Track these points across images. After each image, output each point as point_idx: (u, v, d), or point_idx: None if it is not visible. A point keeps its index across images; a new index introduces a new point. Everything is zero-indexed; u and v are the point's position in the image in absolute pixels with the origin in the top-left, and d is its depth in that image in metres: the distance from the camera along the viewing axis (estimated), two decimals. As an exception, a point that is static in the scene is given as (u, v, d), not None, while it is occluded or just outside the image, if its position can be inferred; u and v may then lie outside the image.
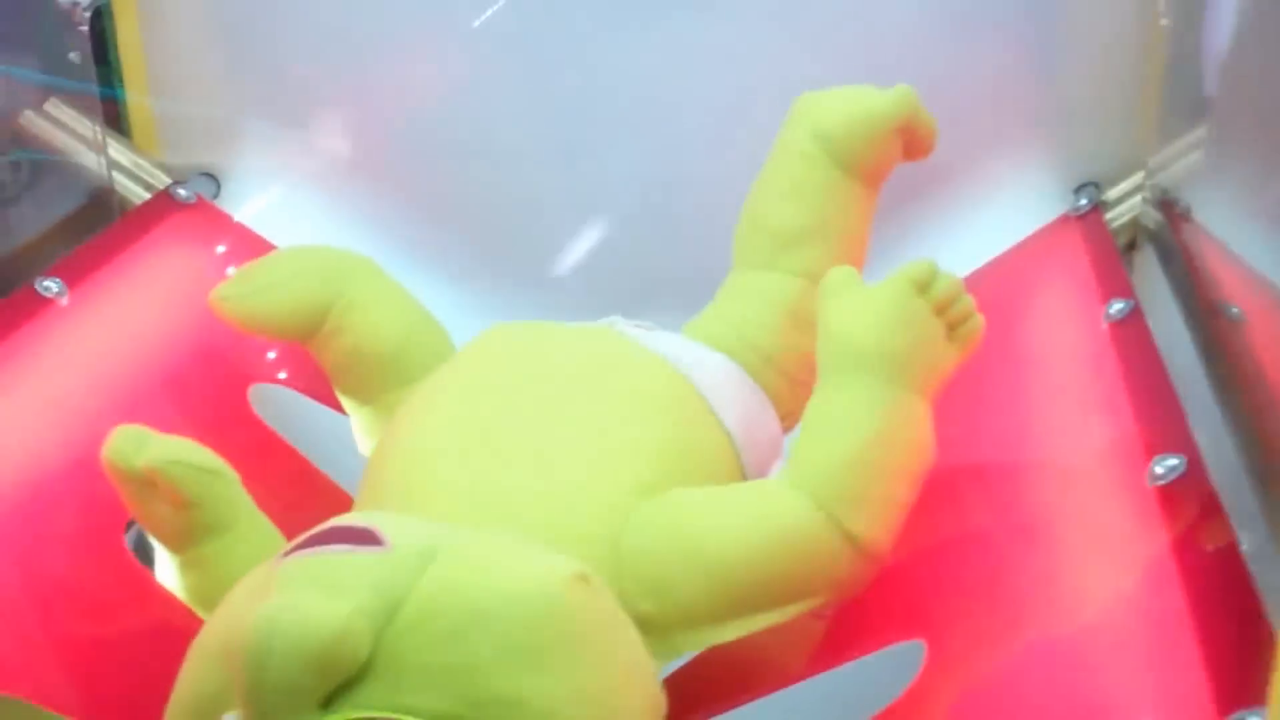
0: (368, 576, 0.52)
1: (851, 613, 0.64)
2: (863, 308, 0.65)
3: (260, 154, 0.99)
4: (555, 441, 0.66)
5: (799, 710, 0.65)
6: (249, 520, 0.69)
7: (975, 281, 0.83)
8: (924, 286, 0.65)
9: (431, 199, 0.99)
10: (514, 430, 0.66)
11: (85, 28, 0.88)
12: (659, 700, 0.56)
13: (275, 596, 0.51)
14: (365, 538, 0.54)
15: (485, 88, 0.95)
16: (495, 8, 0.93)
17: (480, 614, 0.51)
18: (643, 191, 0.95)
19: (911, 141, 0.77)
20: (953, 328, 0.66)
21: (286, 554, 0.55)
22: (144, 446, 0.67)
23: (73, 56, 0.88)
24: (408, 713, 0.49)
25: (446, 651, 0.50)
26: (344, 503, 0.82)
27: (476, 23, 0.94)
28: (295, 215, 0.98)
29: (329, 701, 0.49)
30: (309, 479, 0.83)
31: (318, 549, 0.54)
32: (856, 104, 0.76)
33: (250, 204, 0.98)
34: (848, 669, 0.63)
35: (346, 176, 0.99)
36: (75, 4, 0.87)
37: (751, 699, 0.65)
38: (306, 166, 0.99)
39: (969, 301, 0.66)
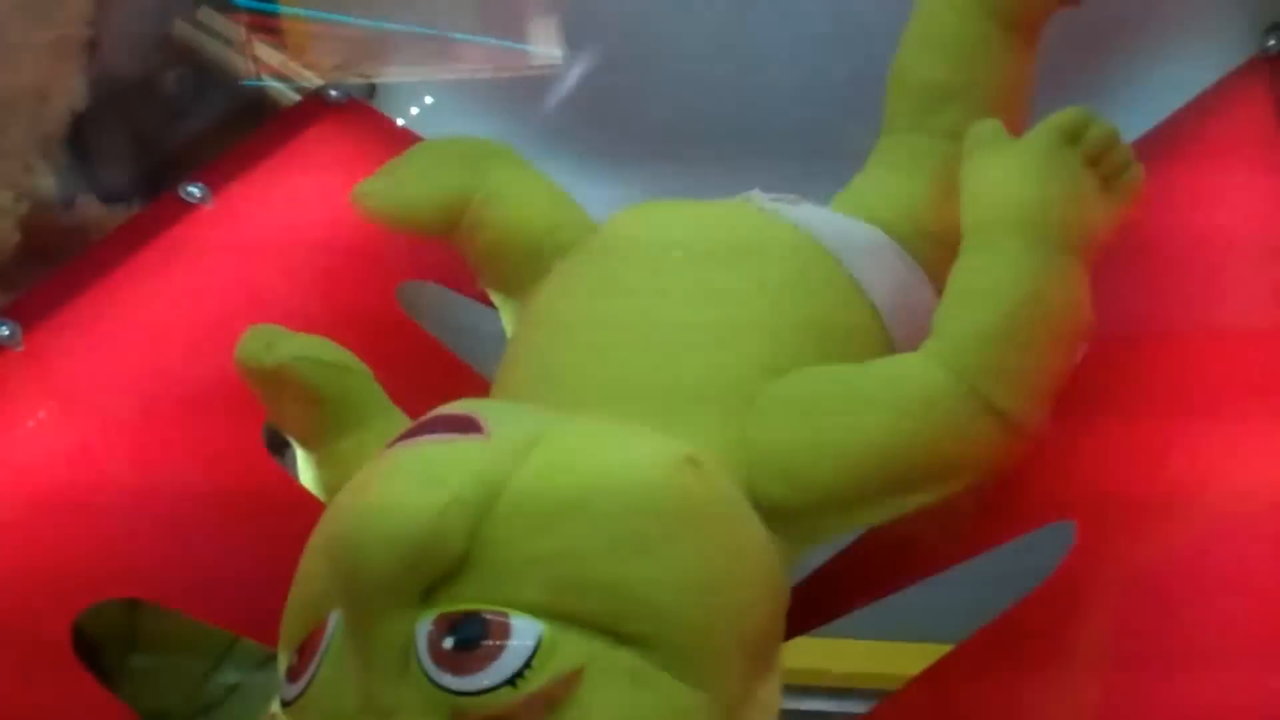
0: (466, 465, 0.50)
1: (1001, 491, 0.59)
2: (1008, 162, 0.60)
3: (415, 59, 0.97)
4: (681, 322, 0.63)
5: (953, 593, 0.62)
6: (384, 416, 0.68)
7: (1150, 139, 0.76)
8: (1075, 136, 0.59)
9: (582, 92, 0.96)
10: (639, 312, 0.63)
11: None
12: (779, 591, 0.53)
13: (373, 488, 0.50)
14: (466, 426, 0.52)
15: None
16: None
17: (581, 499, 0.49)
18: (791, 56, 0.90)
19: (1069, -14, 0.70)
20: (1109, 180, 0.60)
21: (390, 444, 0.54)
22: (274, 345, 0.66)
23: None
24: (506, 604, 0.47)
25: (546, 539, 0.48)
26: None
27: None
28: (449, 118, 0.97)
29: (428, 595, 0.47)
30: (460, 374, 0.81)
31: (419, 439, 0.52)
32: None
33: (405, 112, 0.97)
34: (1001, 552, 0.59)
35: (499, 79, 0.97)
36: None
37: (906, 584, 0.61)
38: (460, 70, 0.97)
39: (1126, 150, 0.60)
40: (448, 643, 0.46)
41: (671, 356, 0.61)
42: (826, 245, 0.68)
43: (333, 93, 0.92)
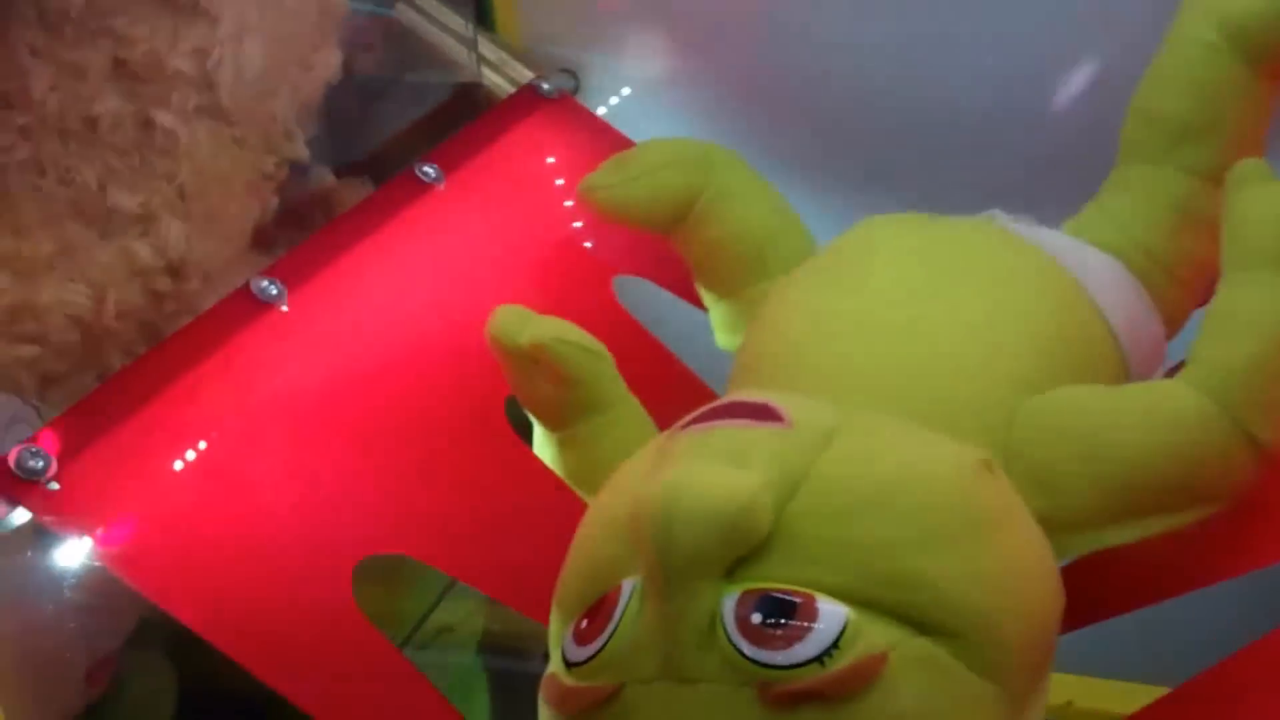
0: (771, 450, 0.52)
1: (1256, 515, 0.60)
2: (1273, 200, 0.62)
3: (618, 54, 0.99)
4: (939, 333, 0.64)
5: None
6: (625, 402, 0.70)
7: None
8: (1344, 179, 0.61)
9: (782, 104, 0.97)
10: (896, 319, 0.65)
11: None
12: (1060, 592, 0.54)
13: (682, 465, 0.52)
14: (766, 414, 0.54)
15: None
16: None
17: (885, 492, 0.51)
18: (1005, 83, 0.92)
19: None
20: None
21: (684, 426, 0.56)
22: (528, 325, 0.69)
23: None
24: (809, 585, 0.49)
25: (850, 527, 0.50)
26: (704, 394, 0.83)
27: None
28: (649, 115, 0.99)
29: (733, 571, 0.49)
30: (670, 369, 0.83)
31: (719, 422, 0.54)
32: None
33: (607, 102, 0.99)
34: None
35: (700, 79, 0.98)
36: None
37: (1146, 603, 0.63)
38: (662, 67, 0.99)
39: (1393, 200, 0.62)
40: (756, 618, 0.48)
41: (936, 368, 0.63)
42: (1068, 267, 0.69)
43: (545, 86, 0.95)
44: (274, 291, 0.69)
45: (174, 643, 0.77)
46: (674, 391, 0.77)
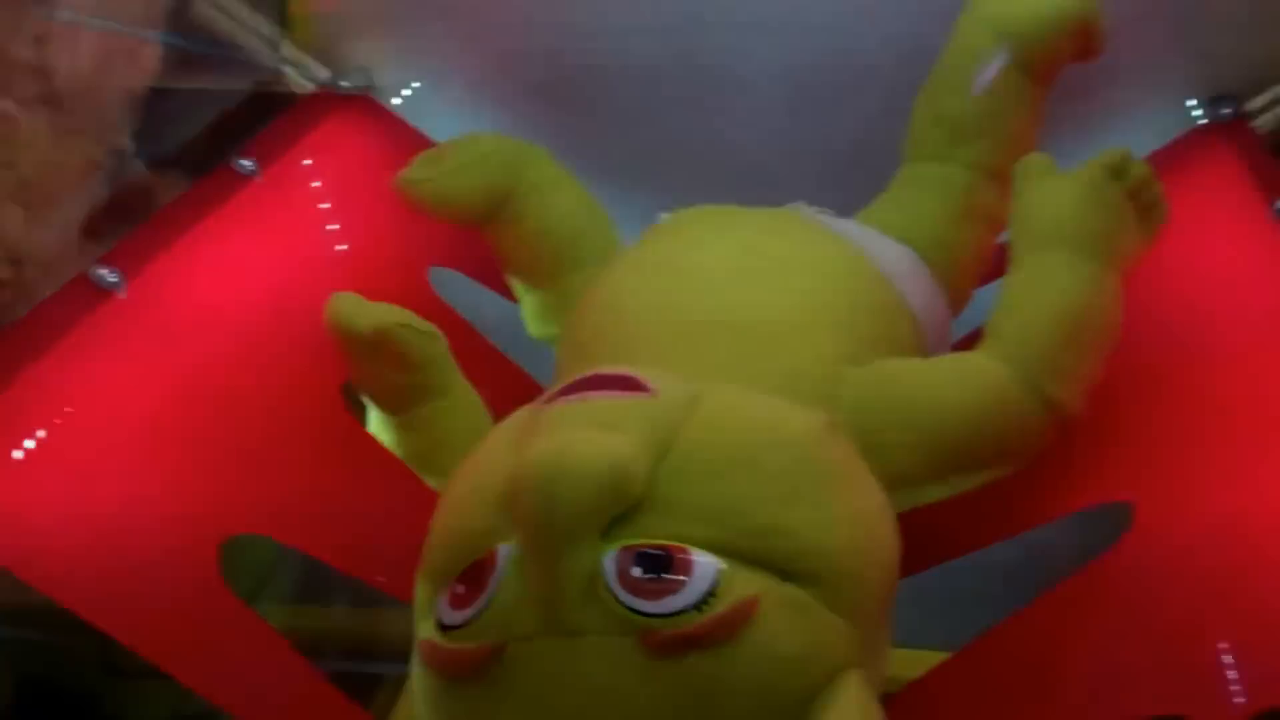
0: (642, 417, 0.56)
1: (1052, 473, 0.67)
2: (1062, 189, 0.69)
3: (410, 52, 1.01)
4: (766, 312, 0.69)
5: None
6: (461, 386, 0.73)
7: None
8: (1119, 172, 0.69)
9: (574, 99, 1.00)
10: (725, 301, 0.70)
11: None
12: (898, 538, 0.60)
13: (558, 433, 0.55)
14: (631, 384, 0.58)
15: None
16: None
17: (749, 452, 0.55)
18: (795, 84, 0.97)
19: (1086, 43, 0.80)
20: (1144, 211, 0.70)
21: (548, 400, 0.59)
22: (367, 311, 0.71)
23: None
24: (683, 540, 0.52)
25: (718, 485, 0.54)
26: (522, 379, 0.87)
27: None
28: (444, 112, 1.01)
29: (609, 530, 0.52)
30: (487, 355, 0.86)
31: (587, 394, 0.58)
32: (1044, 1, 0.79)
33: (400, 101, 1.01)
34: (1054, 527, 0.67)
35: (493, 76, 1.01)
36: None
37: (950, 556, 0.69)
38: (454, 66, 1.01)
39: (1159, 188, 0.70)
40: (635, 572, 0.51)
41: (766, 345, 0.67)
42: (872, 256, 0.76)
43: (343, 83, 0.96)
44: (113, 279, 0.69)
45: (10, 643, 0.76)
46: (493, 377, 0.80)
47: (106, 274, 0.69)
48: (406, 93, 1.01)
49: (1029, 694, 0.59)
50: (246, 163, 0.82)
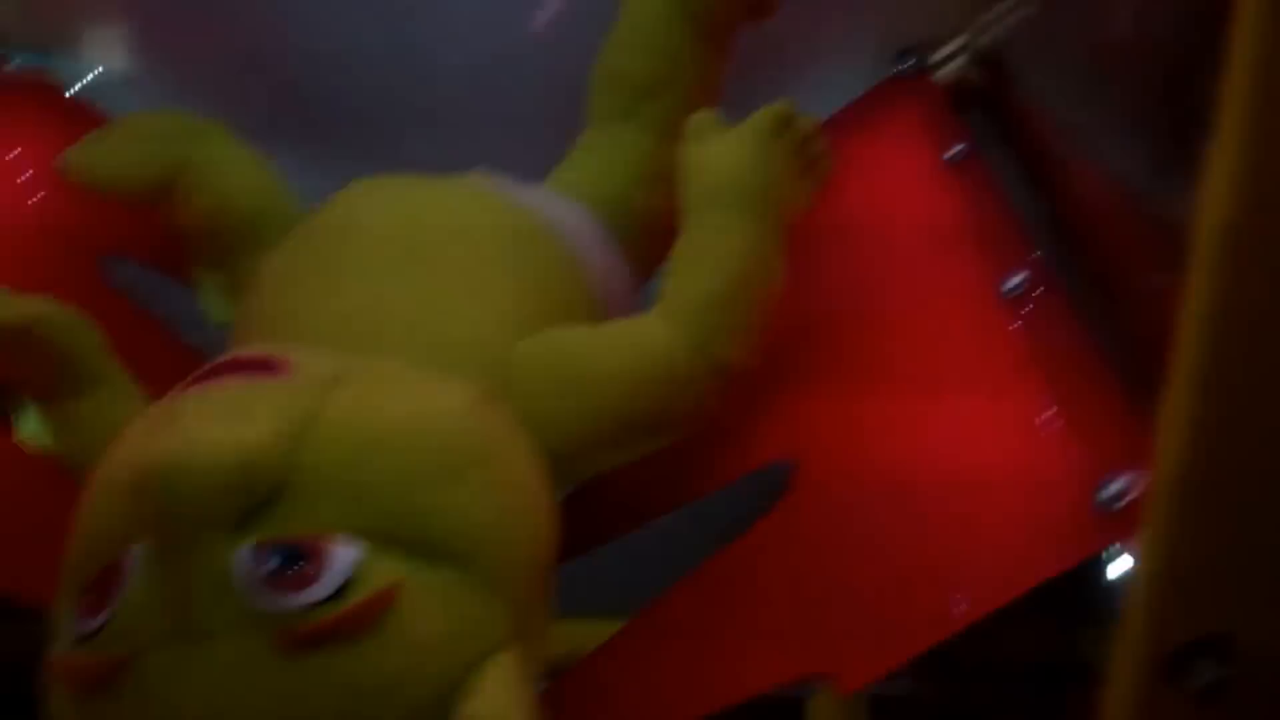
0: (275, 401, 0.53)
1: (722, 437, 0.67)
2: (726, 148, 0.69)
3: (90, 30, 0.96)
4: (430, 282, 0.67)
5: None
6: (116, 377, 0.69)
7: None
8: (782, 127, 0.69)
9: (262, 76, 0.97)
10: (390, 273, 0.68)
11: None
12: (554, 515, 0.59)
13: (184, 423, 0.52)
14: (266, 366, 0.55)
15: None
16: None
17: (391, 433, 0.53)
18: (488, 48, 0.96)
19: (759, 2, 0.80)
20: (808, 165, 0.70)
21: (184, 387, 0.56)
22: (9, 305, 0.66)
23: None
24: (326, 529, 0.50)
25: (359, 469, 0.52)
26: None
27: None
28: (127, 92, 0.96)
29: (243, 524, 0.50)
30: (169, 345, 0.83)
31: (219, 379, 0.55)
32: None
33: (81, 80, 0.96)
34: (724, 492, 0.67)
35: (177, 54, 0.97)
36: None
37: (633, 527, 0.68)
38: (136, 43, 0.97)
39: (823, 141, 0.70)
40: (268, 566, 0.49)
41: (429, 315, 0.66)
42: (550, 222, 0.74)
43: (13, 62, 0.91)
44: None
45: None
46: (175, 367, 0.77)
47: None
48: (89, 78, 0.96)
49: (691, 662, 0.59)
50: None
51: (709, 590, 0.61)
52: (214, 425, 0.51)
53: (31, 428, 0.70)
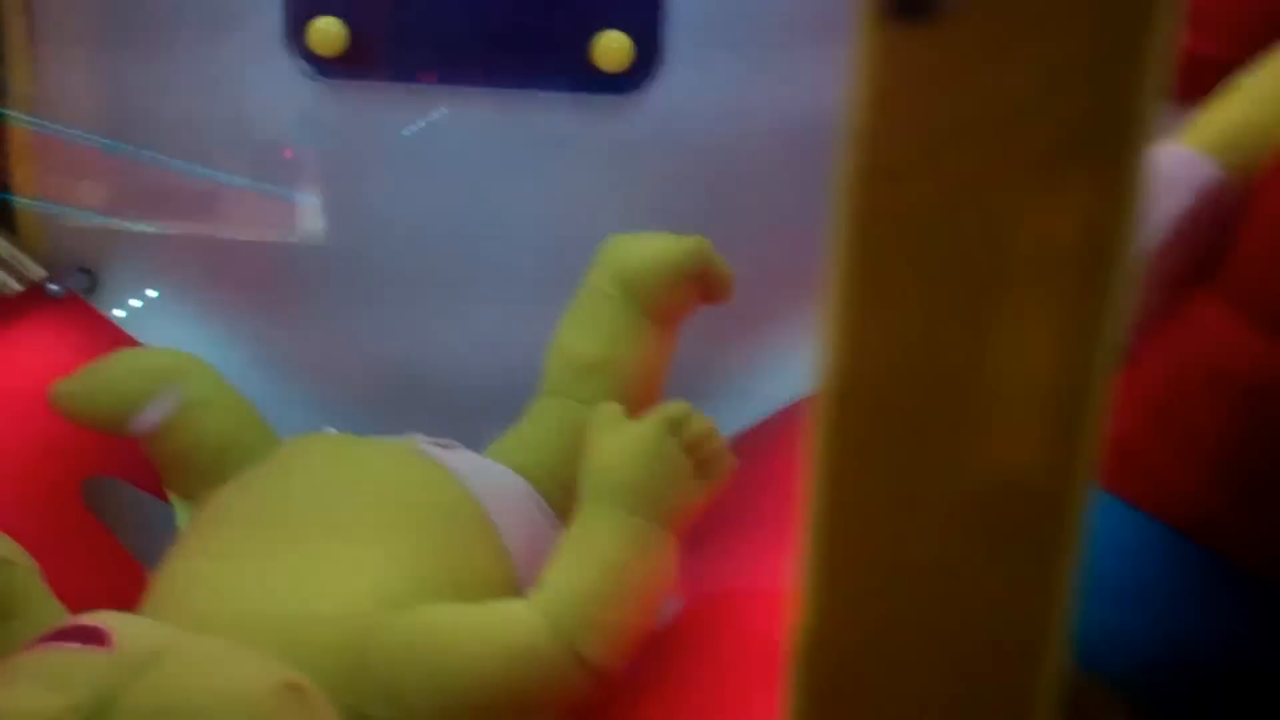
0: (87, 674, 0.56)
1: None
2: (619, 443, 0.70)
3: (136, 257, 1.03)
4: (315, 554, 0.70)
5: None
6: (43, 608, 0.73)
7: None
8: (677, 426, 0.70)
9: (292, 309, 1.03)
10: (280, 542, 0.71)
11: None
12: None
13: (5, 687, 0.55)
14: (94, 636, 0.58)
15: (345, 213, 1.01)
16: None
17: (186, 716, 0.55)
18: (473, 318, 1.00)
19: (707, 289, 0.82)
20: (703, 465, 0.70)
21: (28, 646, 0.59)
22: None
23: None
24: None
25: None
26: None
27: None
28: (166, 315, 1.03)
29: None
30: (127, 569, 0.87)
31: (51, 645, 0.58)
32: (653, 250, 0.81)
33: (126, 302, 1.03)
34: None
35: (215, 281, 1.04)
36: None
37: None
38: (176, 271, 1.04)
39: (720, 441, 0.71)
40: None
41: (304, 587, 0.68)
42: (471, 490, 0.76)
43: (52, 286, 0.98)
44: None
45: None
46: (131, 592, 0.81)
47: None
48: (136, 302, 1.03)
49: None
50: (-95, 371, 0.84)
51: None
52: (21, 696, 0.54)
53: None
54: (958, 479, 0.32)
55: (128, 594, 0.81)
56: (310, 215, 1.00)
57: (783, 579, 0.72)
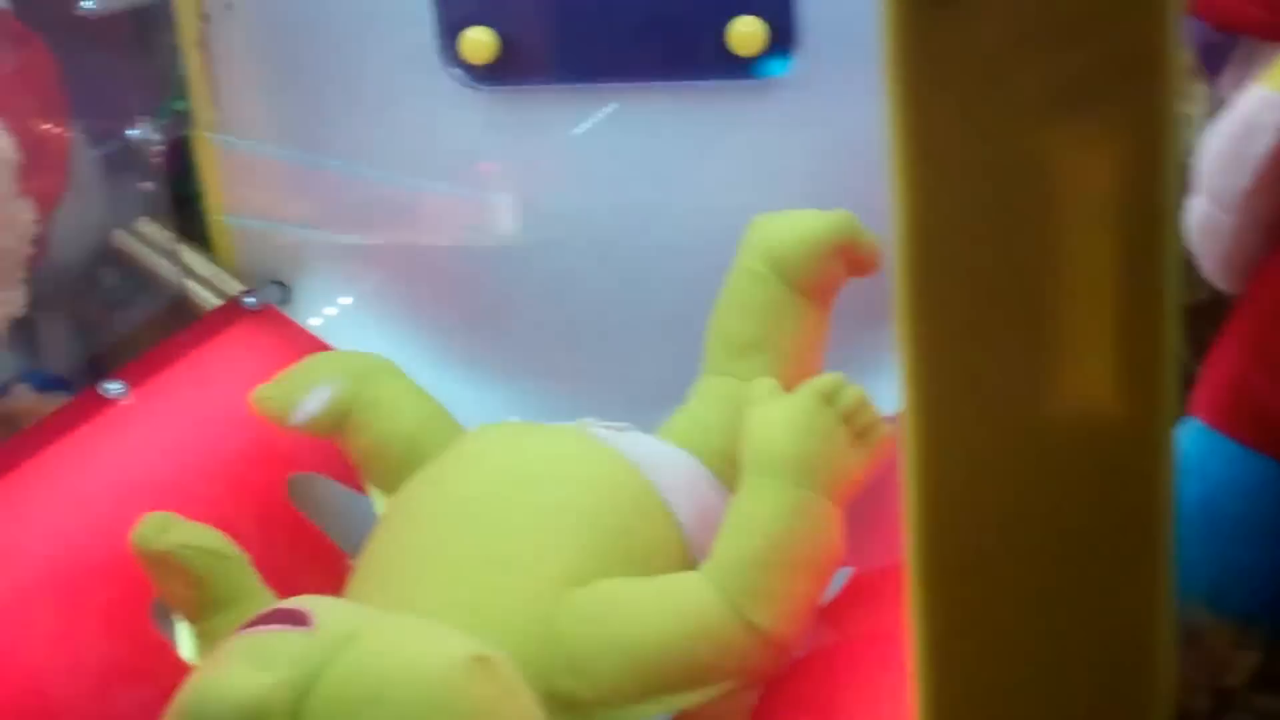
0: (292, 653, 0.61)
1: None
2: (775, 416, 0.73)
3: (326, 266, 1.10)
4: (501, 535, 0.75)
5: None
6: (254, 597, 0.79)
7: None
8: (830, 397, 0.72)
9: (471, 308, 1.09)
10: (467, 526, 0.76)
11: (159, 159, 1.01)
12: None
13: (211, 670, 0.61)
14: (297, 619, 0.64)
15: (512, 215, 1.06)
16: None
17: (382, 689, 0.60)
18: (638, 306, 1.04)
19: (855, 261, 0.84)
20: (859, 435, 0.73)
21: (238, 631, 0.65)
22: (164, 531, 0.78)
23: (147, 185, 1.02)
24: None
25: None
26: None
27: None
28: (355, 320, 1.09)
29: None
30: (331, 559, 0.93)
31: (258, 628, 0.64)
32: (798, 226, 0.84)
33: (318, 310, 1.09)
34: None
35: (398, 286, 1.10)
36: (148, 140, 1.00)
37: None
38: (366, 279, 1.10)
39: (874, 410, 0.73)
40: None
41: (491, 566, 0.73)
42: (642, 470, 0.80)
43: (248, 300, 1.05)
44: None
45: None
46: (335, 583, 0.87)
47: (-72, 505, 0.78)
48: (331, 310, 1.10)
49: None
50: (113, 385, 0.91)
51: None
52: (232, 671, 0.59)
53: (185, 646, 0.81)
54: (1039, 421, 0.34)
55: (333, 582, 0.88)
56: (487, 218, 1.05)
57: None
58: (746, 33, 0.91)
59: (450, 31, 0.98)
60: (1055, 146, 0.31)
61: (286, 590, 0.78)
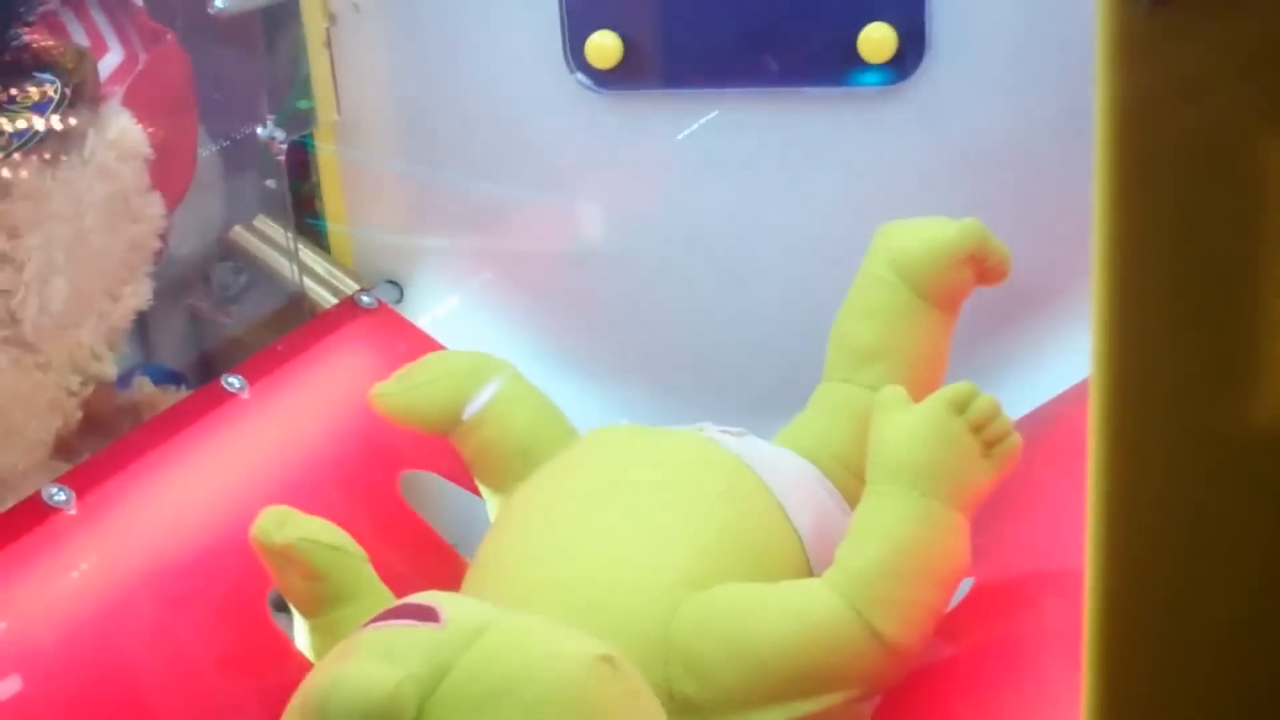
0: (422, 648, 0.61)
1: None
2: (904, 424, 0.72)
3: (440, 266, 1.11)
4: (621, 537, 0.75)
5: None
6: (372, 593, 0.79)
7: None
8: (961, 406, 0.71)
9: (584, 311, 1.09)
10: (587, 526, 0.76)
11: (282, 158, 1.02)
12: None
13: (344, 661, 0.61)
14: (427, 614, 0.64)
15: (629, 218, 1.06)
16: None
17: (511, 685, 0.60)
18: (756, 311, 1.04)
19: (983, 269, 0.83)
20: (989, 445, 0.72)
21: (365, 625, 0.65)
22: (284, 525, 0.78)
23: (269, 183, 1.03)
24: None
25: (480, 716, 0.59)
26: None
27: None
28: (468, 320, 1.10)
29: None
30: (444, 556, 0.93)
31: (387, 622, 0.64)
32: (927, 233, 0.83)
33: (431, 310, 1.10)
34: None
35: (512, 288, 1.10)
36: (273, 138, 1.01)
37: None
38: (479, 278, 1.10)
39: (1005, 421, 0.72)
40: None
41: (611, 567, 0.73)
42: (760, 475, 0.80)
43: (364, 298, 1.06)
44: (62, 497, 0.79)
45: None
46: (445, 578, 0.87)
47: (56, 492, 0.79)
48: (441, 309, 1.10)
49: None
50: (234, 379, 0.92)
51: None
52: (363, 665, 0.60)
53: (299, 640, 0.81)
54: (1233, 440, 0.33)
55: (446, 579, 0.88)
56: (603, 222, 1.05)
57: (1075, 560, 0.74)
58: (878, 39, 0.91)
59: (577, 36, 0.98)
60: (1267, 155, 0.30)
61: (400, 587, 0.79)
